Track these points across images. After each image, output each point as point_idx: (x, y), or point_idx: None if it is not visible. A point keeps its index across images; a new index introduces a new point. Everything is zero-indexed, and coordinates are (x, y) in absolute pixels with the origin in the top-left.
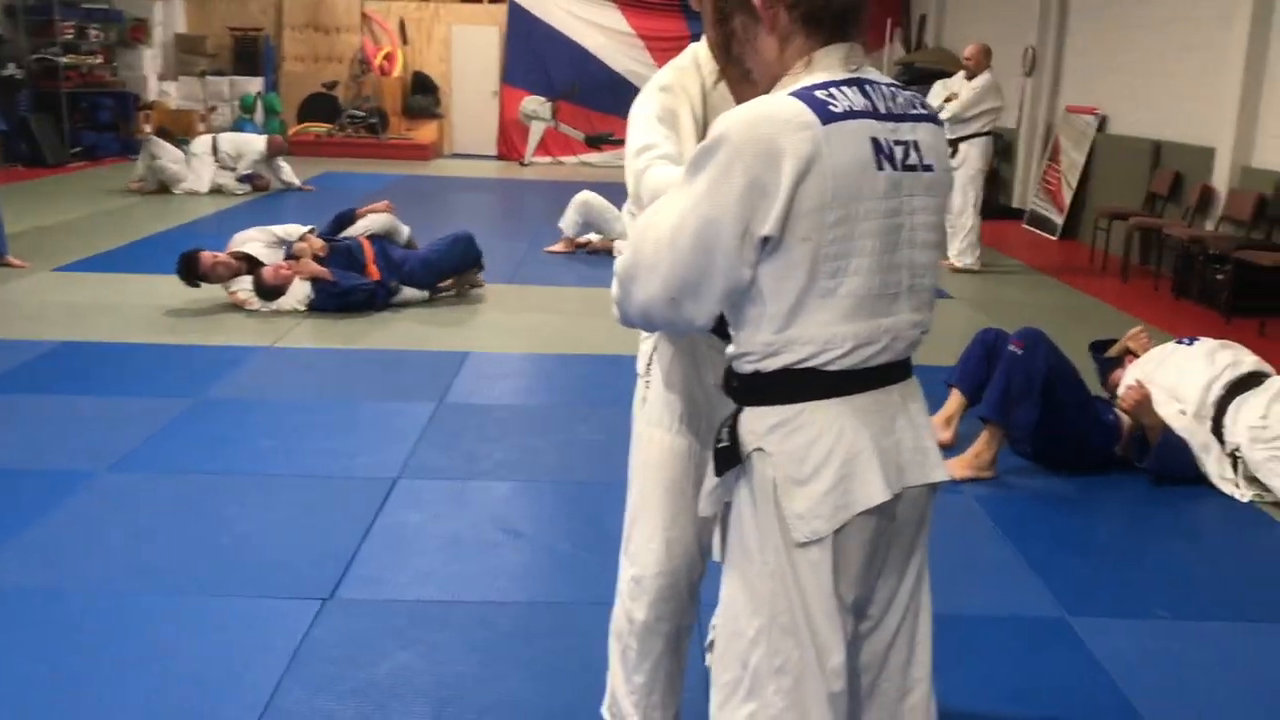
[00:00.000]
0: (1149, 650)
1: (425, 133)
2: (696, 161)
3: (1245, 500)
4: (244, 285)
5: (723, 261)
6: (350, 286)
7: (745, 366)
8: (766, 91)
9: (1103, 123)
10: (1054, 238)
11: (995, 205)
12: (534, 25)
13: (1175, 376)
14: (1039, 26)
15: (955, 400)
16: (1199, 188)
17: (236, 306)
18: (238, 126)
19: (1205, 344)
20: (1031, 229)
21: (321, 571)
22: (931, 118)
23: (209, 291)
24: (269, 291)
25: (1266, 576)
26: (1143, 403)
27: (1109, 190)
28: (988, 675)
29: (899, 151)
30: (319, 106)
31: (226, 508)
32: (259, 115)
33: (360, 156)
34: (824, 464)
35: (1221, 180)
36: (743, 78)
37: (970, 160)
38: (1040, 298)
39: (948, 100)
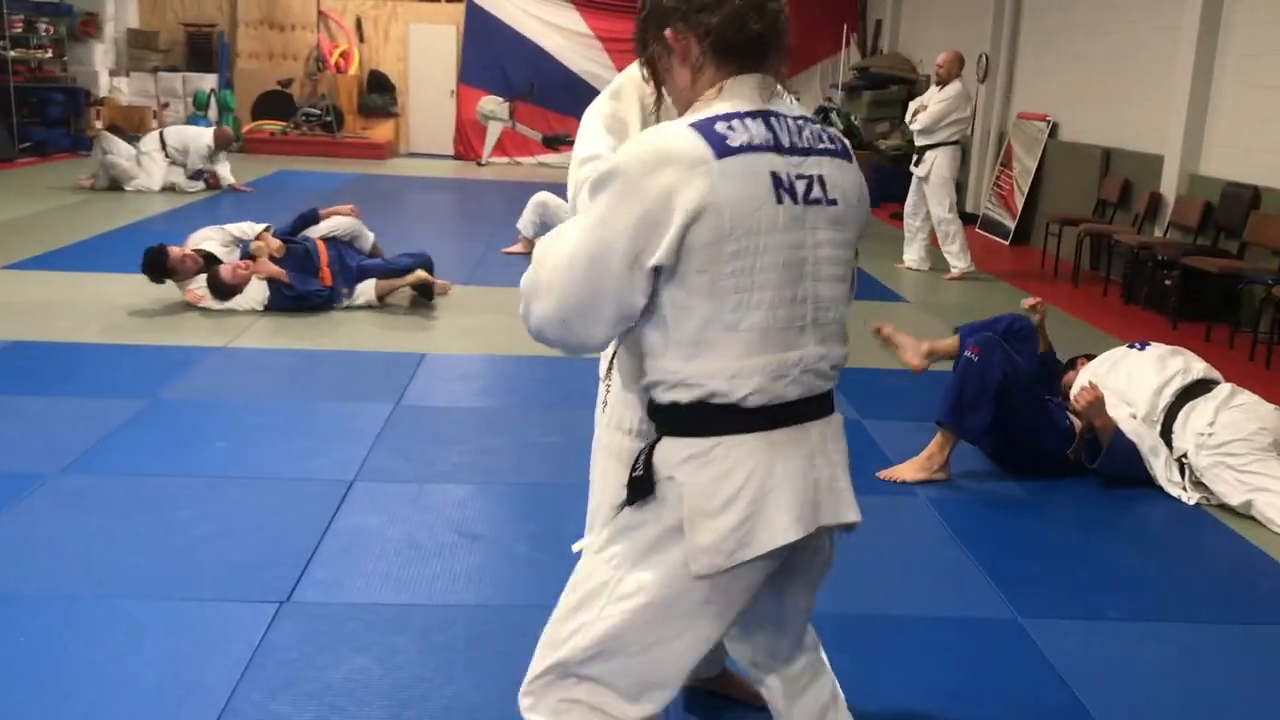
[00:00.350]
0: (1099, 651)
1: (381, 131)
2: (595, 188)
3: (1192, 503)
4: (200, 283)
5: (612, 286)
6: (306, 291)
7: (661, 396)
8: (681, 115)
9: (1054, 129)
10: (1006, 242)
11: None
12: (492, 25)
13: (1126, 381)
14: (992, 34)
15: (951, 341)
16: (1148, 194)
17: (191, 305)
18: (192, 123)
19: (1156, 349)
20: (984, 233)
21: (278, 575)
22: (839, 152)
23: (163, 291)
24: (224, 290)
25: (1213, 578)
26: (1095, 404)
27: (1060, 196)
28: (940, 677)
29: (801, 186)
30: (274, 104)
31: (181, 510)
32: (213, 112)
33: (315, 155)
34: (734, 499)
35: (1170, 187)
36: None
37: (937, 167)
38: (991, 302)
39: (917, 113)
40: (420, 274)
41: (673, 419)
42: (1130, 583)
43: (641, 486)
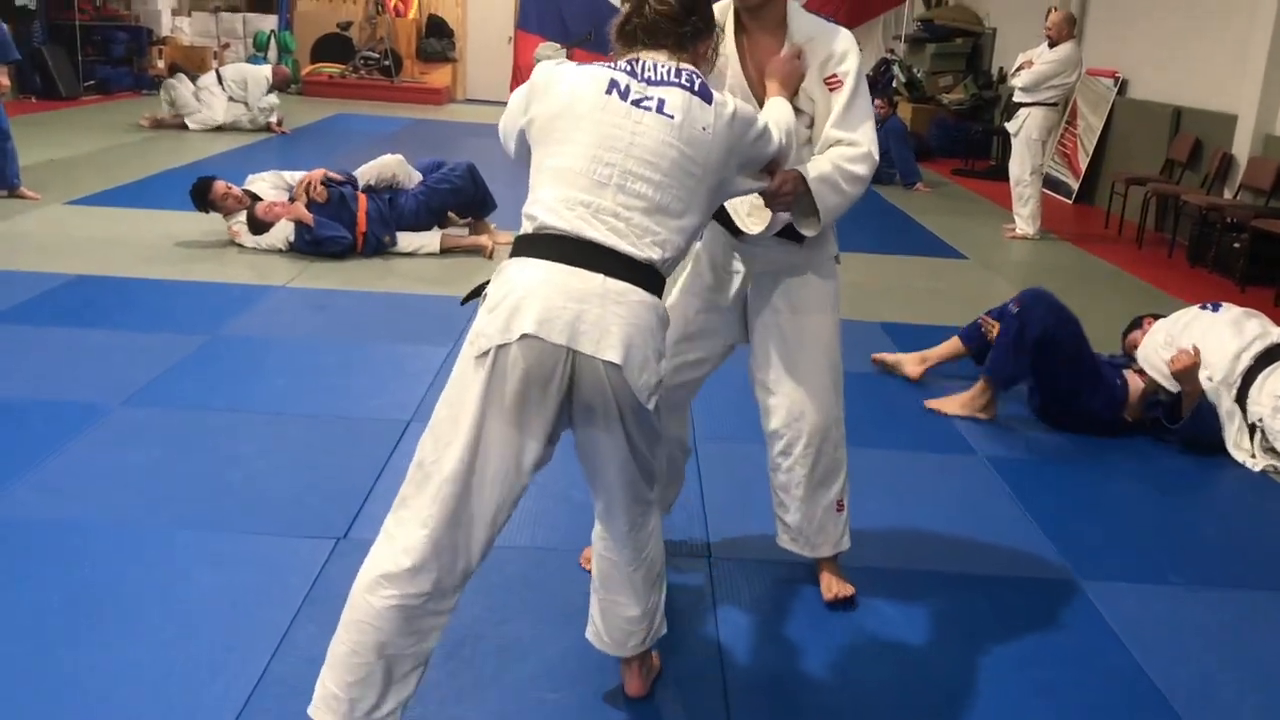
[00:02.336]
0: (1160, 615)
1: (438, 77)
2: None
3: (1258, 470)
4: (241, 219)
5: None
6: (325, 236)
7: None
8: None
9: (1123, 86)
10: (1069, 201)
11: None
12: None
13: (1200, 342)
14: None
15: (949, 344)
16: (1219, 155)
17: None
18: (251, 63)
19: (1230, 311)
20: (1048, 192)
21: (335, 511)
22: (694, 90)
23: (221, 227)
24: (257, 225)
25: (1277, 545)
26: (1191, 369)
27: (1127, 155)
28: (999, 636)
29: (634, 94)
30: (333, 47)
31: (240, 445)
32: (272, 53)
33: (372, 99)
34: (504, 299)
35: (1242, 148)
36: None
37: (1027, 127)
38: (1053, 260)
39: (1021, 67)
40: (484, 239)
41: (513, 248)
42: (1192, 547)
43: (474, 293)
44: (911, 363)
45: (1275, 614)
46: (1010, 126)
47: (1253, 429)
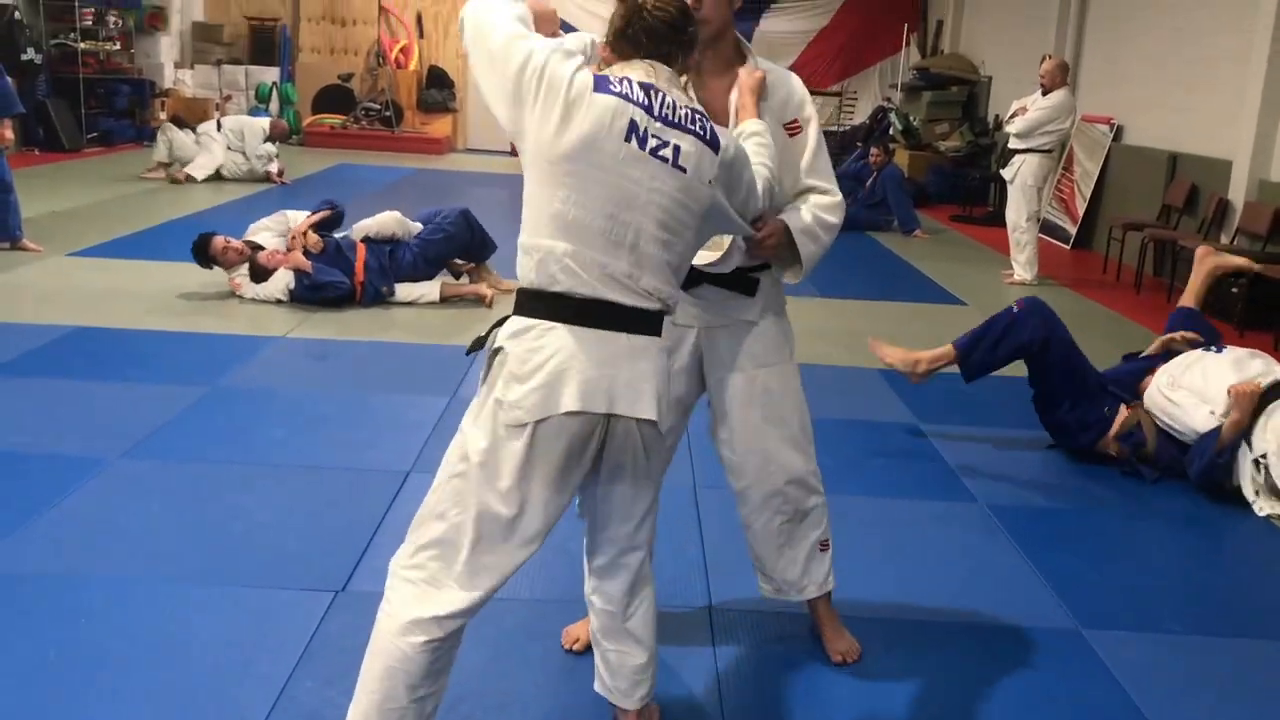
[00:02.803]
0: (1163, 664)
1: (439, 126)
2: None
3: (1262, 514)
4: (243, 272)
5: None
6: (324, 281)
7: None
8: None
9: (1118, 132)
10: (1067, 247)
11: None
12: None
13: (1203, 380)
14: (1056, 35)
15: (942, 350)
16: (1215, 200)
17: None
18: (253, 115)
19: (1234, 351)
20: (1045, 237)
21: (334, 563)
22: (706, 140)
23: (222, 280)
24: (259, 274)
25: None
26: (1250, 397)
27: (1123, 201)
28: (1001, 687)
29: (653, 141)
30: (334, 98)
31: (240, 497)
32: (274, 105)
33: (374, 149)
34: (539, 369)
35: (1238, 193)
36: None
37: (1022, 174)
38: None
39: (1015, 114)
40: (483, 288)
41: (516, 302)
42: (1196, 595)
43: (479, 343)
44: (900, 360)
45: (1278, 662)
46: (1006, 173)
47: (1257, 465)
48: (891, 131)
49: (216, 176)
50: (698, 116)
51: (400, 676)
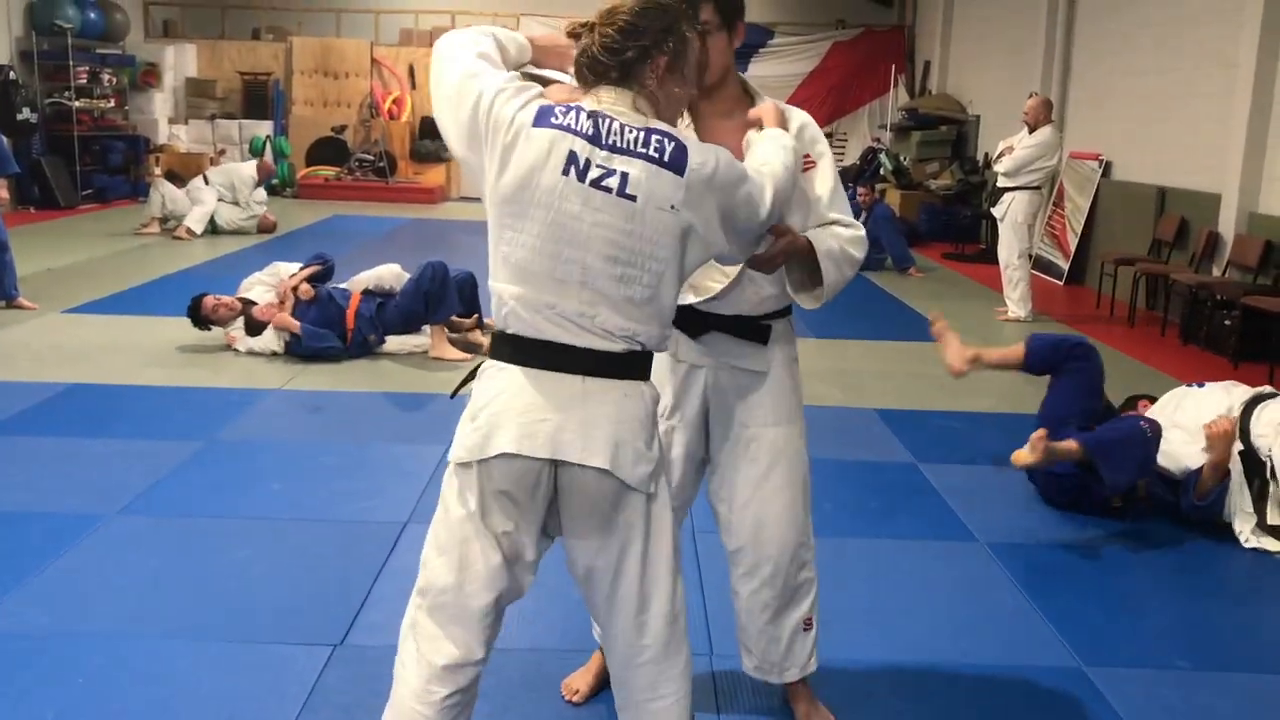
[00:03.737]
0: (1167, 701)
1: (433, 176)
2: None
3: (1249, 545)
4: (239, 326)
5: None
6: (315, 348)
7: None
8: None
9: (1107, 168)
10: (1060, 283)
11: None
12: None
13: (1194, 413)
14: (1043, 73)
15: (1015, 350)
16: (1205, 233)
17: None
18: None
19: (1215, 385)
20: (1038, 274)
21: (332, 617)
22: (662, 162)
23: (219, 333)
24: (253, 327)
25: None
26: (1227, 435)
27: (1114, 236)
28: None
29: (594, 172)
30: (328, 150)
31: (237, 552)
32: (268, 158)
33: (368, 200)
34: (483, 409)
35: (1228, 226)
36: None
37: (1013, 210)
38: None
39: (1003, 154)
40: (478, 336)
41: (491, 344)
42: (1198, 630)
43: (461, 386)
44: (956, 353)
45: None
46: (996, 211)
47: (1253, 481)
48: (882, 171)
49: (212, 229)
50: (655, 138)
51: None
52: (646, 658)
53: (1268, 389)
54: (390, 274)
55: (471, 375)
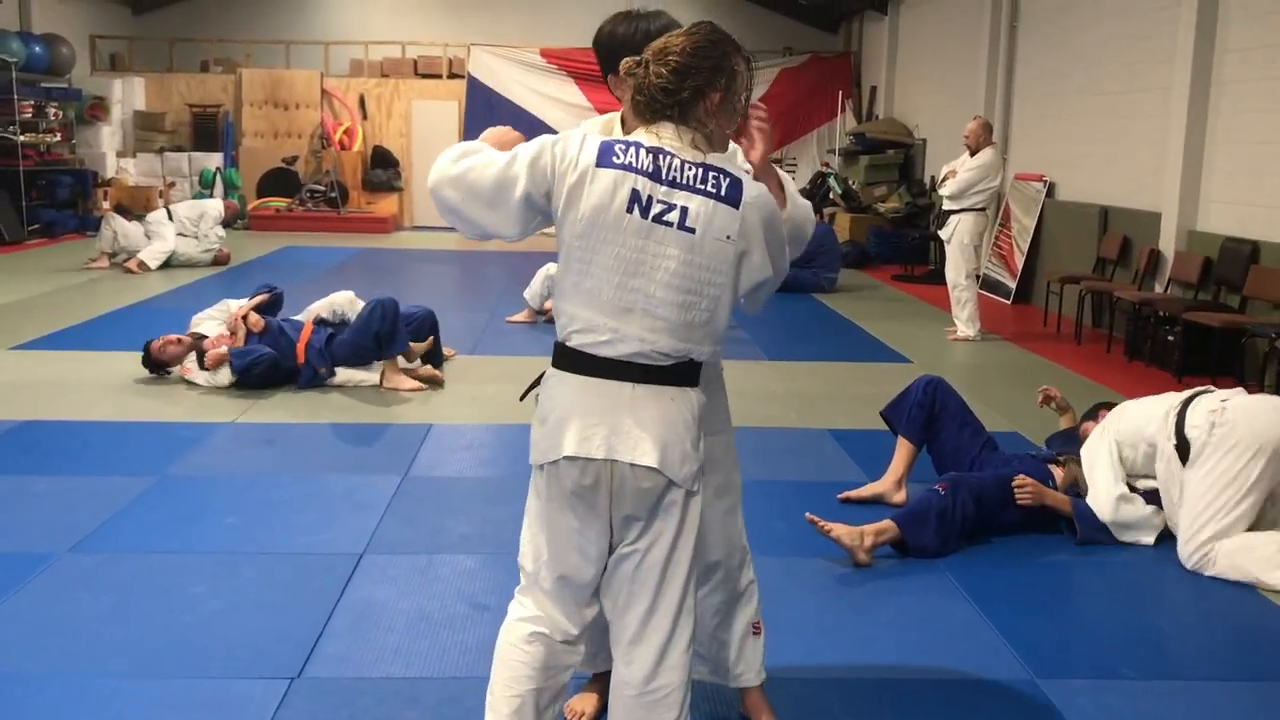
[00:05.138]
0: (1117, 710)
1: (385, 206)
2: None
3: (1149, 543)
4: (192, 359)
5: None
6: (246, 362)
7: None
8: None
9: (1051, 189)
10: (1008, 302)
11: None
12: (493, 100)
13: (1134, 419)
14: (986, 97)
15: (904, 452)
16: (1147, 251)
17: (192, 382)
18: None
19: (1156, 396)
20: (985, 293)
21: (289, 650)
22: (720, 197)
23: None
24: (202, 360)
25: (1226, 634)
26: (1036, 494)
27: (1060, 255)
28: None
29: (657, 208)
30: (278, 182)
31: (191, 587)
32: (218, 190)
33: (320, 230)
34: (549, 415)
35: (1169, 244)
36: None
37: (959, 232)
38: (994, 360)
39: (946, 177)
40: (429, 369)
41: (554, 354)
42: (1142, 639)
43: (529, 389)
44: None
45: (1229, 705)
46: (943, 233)
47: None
48: (831, 195)
49: (165, 263)
50: (712, 175)
51: (522, 669)
52: (656, 641)
53: (1203, 387)
54: (344, 299)
55: (536, 382)
